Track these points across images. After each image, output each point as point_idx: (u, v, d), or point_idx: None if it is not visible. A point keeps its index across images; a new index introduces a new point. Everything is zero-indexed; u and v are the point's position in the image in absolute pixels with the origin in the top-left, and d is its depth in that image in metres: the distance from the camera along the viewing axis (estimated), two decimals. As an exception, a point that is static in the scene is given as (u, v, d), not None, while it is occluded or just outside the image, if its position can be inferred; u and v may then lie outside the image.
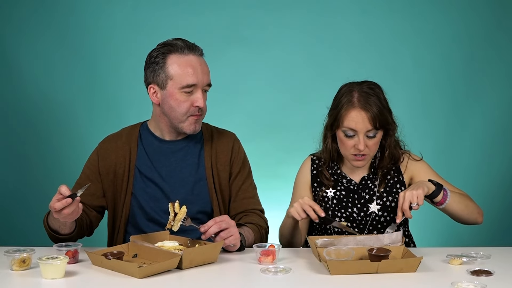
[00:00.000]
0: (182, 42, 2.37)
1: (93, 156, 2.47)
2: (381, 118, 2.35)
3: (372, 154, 2.43)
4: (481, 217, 2.43)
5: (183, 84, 2.32)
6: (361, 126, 2.35)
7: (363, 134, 2.36)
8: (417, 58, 4.02)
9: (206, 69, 2.38)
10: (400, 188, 2.48)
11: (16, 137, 3.96)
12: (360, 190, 2.48)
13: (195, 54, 2.37)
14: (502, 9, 3.99)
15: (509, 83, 4.01)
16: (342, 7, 4.02)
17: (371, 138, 2.37)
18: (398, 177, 2.50)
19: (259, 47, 4.03)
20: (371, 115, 2.33)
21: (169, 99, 2.34)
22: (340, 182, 2.51)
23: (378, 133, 2.38)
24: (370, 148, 2.39)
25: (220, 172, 2.46)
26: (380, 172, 2.48)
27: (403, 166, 2.51)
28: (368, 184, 2.49)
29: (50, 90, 3.95)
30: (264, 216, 2.51)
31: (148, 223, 2.39)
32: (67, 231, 2.27)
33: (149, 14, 3.98)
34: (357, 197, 2.48)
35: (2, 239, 3.60)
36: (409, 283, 1.93)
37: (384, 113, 2.37)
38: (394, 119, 2.44)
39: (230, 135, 2.56)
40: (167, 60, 2.34)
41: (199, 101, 2.35)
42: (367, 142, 2.37)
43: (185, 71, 2.33)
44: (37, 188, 3.94)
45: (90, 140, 2.77)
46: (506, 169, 4.02)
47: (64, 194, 2.05)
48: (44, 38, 3.91)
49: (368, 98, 2.36)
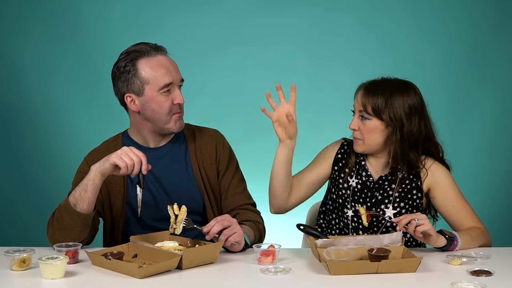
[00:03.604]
0: (145, 45, 2.35)
1: (84, 167, 2.39)
2: (375, 105, 2.35)
3: (367, 142, 2.40)
4: (491, 243, 2.39)
5: (161, 85, 2.31)
6: (356, 104, 2.41)
7: (358, 114, 2.40)
8: (418, 57, 4.02)
9: (176, 66, 2.38)
10: (416, 194, 2.43)
11: (16, 137, 3.97)
12: (375, 189, 2.46)
13: (162, 54, 2.36)
14: (506, 5, 3.98)
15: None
16: (342, 7, 4.02)
17: (364, 121, 2.38)
18: (416, 183, 2.43)
19: (259, 47, 4.03)
20: (366, 95, 2.37)
21: (150, 103, 2.33)
22: (360, 175, 2.48)
23: (372, 119, 2.36)
24: (363, 131, 2.39)
25: (207, 171, 2.45)
26: (399, 174, 2.43)
27: (423, 172, 2.43)
28: (385, 185, 2.45)
29: (51, 90, 3.96)
30: (256, 210, 2.51)
31: (142, 231, 2.36)
32: (85, 207, 2.21)
33: (149, 14, 3.98)
34: (370, 196, 2.46)
35: (2, 239, 3.60)
36: (409, 283, 1.93)
37: (382, 103, 2.35)
38: (399, 121, 2.36)
39: (213, 132, 2.54)
40: (137, 66, 2.32)
41: (178, 97, 2.35)
42: (359, 123, 2.39)
43: (159, 72, 2.32)
44: (37, 188, 3.95)
45: (91, 140, 2.76)
46: (506, 169, 4.02)
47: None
48: (47, 40, 3.94)
49: (376, 83, 2.40)
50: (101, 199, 2.37)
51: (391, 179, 2.44)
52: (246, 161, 2.70)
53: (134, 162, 2.15)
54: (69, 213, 2.20)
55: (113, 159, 2.16)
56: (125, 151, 2.17)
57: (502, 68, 3.99)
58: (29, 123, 3.98)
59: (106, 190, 2.39)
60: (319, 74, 3.98)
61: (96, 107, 3.98)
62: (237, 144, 2.66)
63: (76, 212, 2.19)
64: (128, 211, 2.41)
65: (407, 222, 2.15)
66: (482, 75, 4.00)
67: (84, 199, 2.19)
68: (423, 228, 2.14)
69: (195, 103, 3.03)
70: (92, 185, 2.19)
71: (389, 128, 2.37)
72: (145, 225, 2.40)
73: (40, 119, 3.98)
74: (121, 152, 2.17)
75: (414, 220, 2.15)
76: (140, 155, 2.17)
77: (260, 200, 2.57)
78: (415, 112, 2.38)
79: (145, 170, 2.18)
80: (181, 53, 2.47)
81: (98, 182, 2.19)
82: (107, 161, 2.18)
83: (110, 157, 2.17)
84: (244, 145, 2.59)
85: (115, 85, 2.38)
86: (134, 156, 2.16)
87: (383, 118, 2.36)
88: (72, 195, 2.21)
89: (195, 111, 2.81)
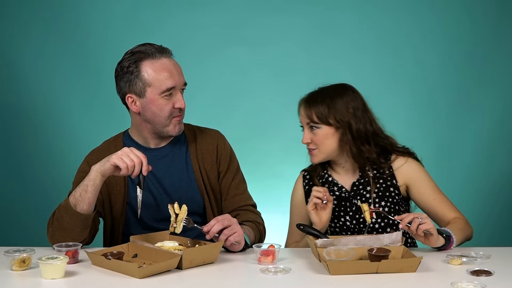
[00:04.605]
0: (151, 46, 2.34)
1: (84, 167, 2.39)
2: (319, 113, 2.43)
3: (323, 149, 2.46)
4: (472, 235, 2.43)
5: (163, 89, 2.31)
6: (302, 118, 2.50)
7: (306, 126, 2.48)
8: (419, 57, 4.02)
9: (180, 69, 2.37)
10: (394, 191, 2.47)
11: (16, 137, 3.97)
12: (351, 197, 2.48)
13: (166, 56, 2.35)
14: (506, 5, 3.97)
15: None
16: (342, 6, 4.02)
17: (315, 131, 2.45)
18: (392, 181, 2.48)
19: (259, 47, 4.03)
20: (308, 107, 2.45)
21: (150, 105, 2.33)
22: (331, 191, 2.50)
23: (321, 127, 2.44)
24: (316, 141, 2.45)
25: (208, 172, 2.45)
26: (369, 174, 2.48)
27: (396, 169, 2.49)
28: (360, 190, 2.48)
29: (51, 90, 3.96)
30: (257, 210, 2.51)
31: (143, 232, 2.36)
32: (85, 207, 2.20)
33: (149, 14, 3.98)
34: (349, 205, 2.48)
35: (2, 239, 3.60)
36: (409, 283, 1.93)
37: (325, 109, 2.43)
38: (346, 121, 2.43)
39: (214, 133, 2.54)
40: (140, 67, 2.31)
41: (179, 102, 2.35)
42: (310, 135, 2.46)
43: (161, 75, 2.31)
44: (37, 188, 3.94)
45: (91, 140, 2.76)
46: (506, 169, 4.01)
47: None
48: (48, 41, 3.93)
49: (312, 94, 2.49)
50: (101, 199, 2.37)
51: (364, 182, 2.48)
52: (246, 161, 2.70)
53: (135, 163, 2.15)
54: (69, 213, 2.20)
55: (114, 160, 2.16)
56: (126, 152, 2.17)
57: (502, 68, 3.99)
58: (29, 123, 3.98)
59: (107, 190, 2.39)
60: (320, 73, 3.96)
61: (96, 107, 3.98)
62: (238, 144, 2.66)
63: (76, 213, 2.19)
64: (129, 212, 2.41)
65: (409, 220, 2.16)
66: (482, 75, 4.00)
67: (84, 199, 2.19)
68: (425, 226, 2.15)
69: (195, 103, 3.03)
70: (92, 185, 2.19)
71: (338, 131, 2.44)
72: (146, 225, 2.40)
73: (40, 119, 3.98)
74: (121, 153, 2.17)
75: (417, 218, 2.15)
76: (141, 156, 2.17)
77: (260, 201, 2.57)
78: (357, 109, 2.46)
79: (146, 171, 2.18)
80: (181, 53, 2.47)
81: (98, 182, 2.19)
82: (107, 161, 2.17)
83: (111, 158, 2.17)
84: (245, 146, 2.59)
85: (118, 84, 2.38)
86: (134, 157, 2.16)
87: (330, 122, 2.43)
88: (72, 196, 2.21)
89: (195, 111, 2.81)
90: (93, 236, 2.33)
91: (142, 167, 2.17)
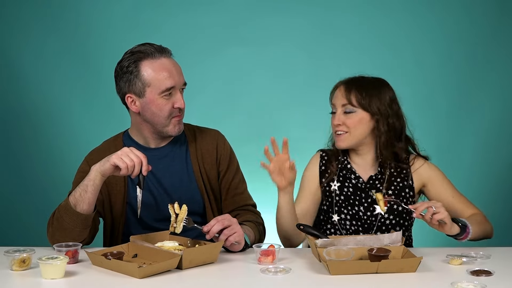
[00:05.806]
0: (150, 46, 2.34)
1: (84, 167, 2.39)
2: (360, 97, 2.41)
3: (354, 134, 2.43)
4: (493, 232, 2.44)
5: (162, 88, 2.31)
6: (337, 100, 2.45)
7: (340, 108, 2.44)
8: (419, 57, 4.02)
9: (180, 69, 2.37)
10: (409, 193, 2.47)
11: (16, 137, 3.97)
12: (367, 189, 2.48)
13: (166, 56, 2.35)
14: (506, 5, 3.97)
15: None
16: (342, 6, 4.02)
17: (349, 115, 2.42)
18: (408, 182, 2.48)
19: (259, 47, 4.03)
20: (348, 90, 2.43)
21: (150, 105, 2.33)
22: (348, 178, 2.50)
23: (357, 111, 2.42)
24: (348, 125, 2.42)
25: (208, 172, 2.45)
26: (387, 171, 2.47)
27: (414, 170, 2.50)
28: (376, 184, 2.48)
29: (51, 90, 3.96)
30: (257, 210, 2.51)
31: (143, 232, 2.36)
32: (86, 207, 2.20)
33: (149, 14, 3.98)
34: (364, 196, 2.47)
35: (2, 239, 3.60)
36: (409, 283, 1.93)
37: (366, 95, 2.41)
38: (385, 111, 2.43)
39: (214, 133, 2.54)
40: (140, 67, 2.31)
41: (179, 102, 2.34)
42: (343, 118, 2.43)
43: (161, 75, 2.31)
44: (37, 188, 3.94)
45: (91, 140, 2.76)
46: (506, 169, 4.01)
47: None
48: (48, 41, 3.93)
49: (355, 79, 2.47)
50: (101, 199, 2.37)
51: (382, 178, 2.48)
52: (246, 161, 2.70)
53: (135, 163, 2.15)
54: (69, 213, 2.20)
55: (114, 160, 2.16)
56: (126, 152, 2.17)
57: (502, 68, 3.99)
58: (29, 123, 3.98)
59: (107, 190, 2.39)
60: (319, 74, 3.98)
61: (96, 107, 3.98)
62: (238, 144, 2.66)
63: (76, 213, 2.19)
64: (129, 211, 2.41)
65: (423, 209, 2.17)
66: (482, 75, 4.00)
67: (84, 199, 2.19)
68: (439, 216, 2.16)
69: (195, 103, 3.03)
70: (92, 185, 2.19)
71: (373, 119, 2.43)
72: (146, 225, 2.40)
73: (40, 119, 3.98)
74: (121, 153, 2.17)
75: (431, 207, 2.16)
76: (141, 156, 2.17)
77: (260, 201, 2.57)
78: (396, 104, 2.48)
79: (145, 171, 2.18)
80: (181, 53, 2.47)
81: (98, 182, 2.19)
82: (107, 161, 2.17)
83: (111, 158, 2.17)
84: (245, 146, 2.59)
85: (117, 84, 2.38)
86: (134, 157, 2.16)
87: (369, 109, 2.42)
88: (72, 196, 2.21)
89: (195, 111, 2.81)
90: (93, 236, 2.33)
91: (142, 167, 2.17)
